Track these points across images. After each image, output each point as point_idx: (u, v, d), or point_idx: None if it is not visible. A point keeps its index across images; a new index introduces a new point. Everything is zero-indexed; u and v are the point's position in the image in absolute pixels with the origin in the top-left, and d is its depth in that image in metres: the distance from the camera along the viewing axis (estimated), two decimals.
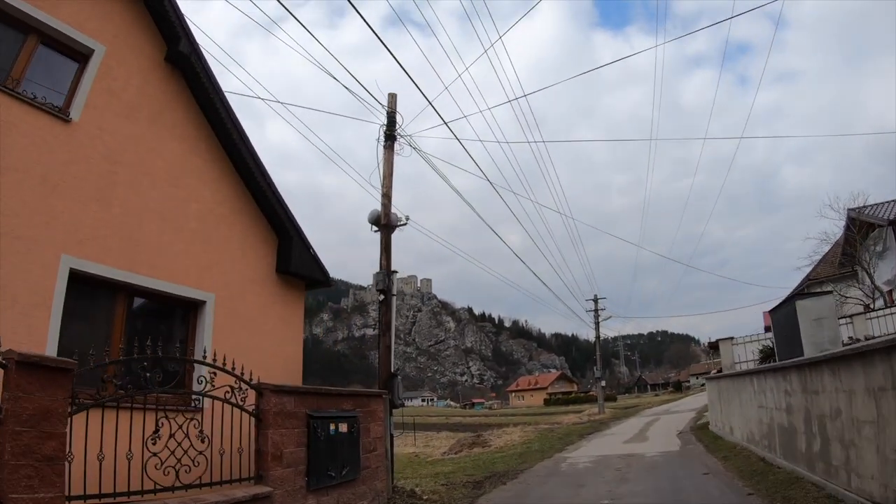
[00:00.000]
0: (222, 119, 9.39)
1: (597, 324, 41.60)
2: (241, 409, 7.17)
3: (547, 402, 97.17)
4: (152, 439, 5.90)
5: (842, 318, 20.76)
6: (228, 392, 7.02)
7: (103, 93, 7.78)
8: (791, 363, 9.23)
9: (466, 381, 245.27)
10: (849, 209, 23.13)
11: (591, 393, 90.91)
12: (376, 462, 9.82)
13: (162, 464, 5.98)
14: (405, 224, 12.39)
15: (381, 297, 11.63)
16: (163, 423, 6.10)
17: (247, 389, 7.30)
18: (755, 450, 11.89)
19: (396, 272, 12.02)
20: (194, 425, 6.46)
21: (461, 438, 25.52)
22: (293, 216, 11.40)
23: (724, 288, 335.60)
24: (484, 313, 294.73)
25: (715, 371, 22.59)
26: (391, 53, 11.07)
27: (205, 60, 9.18)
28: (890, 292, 20.52)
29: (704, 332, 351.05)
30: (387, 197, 12.36)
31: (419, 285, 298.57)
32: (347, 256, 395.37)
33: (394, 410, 11.49)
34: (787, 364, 9.54)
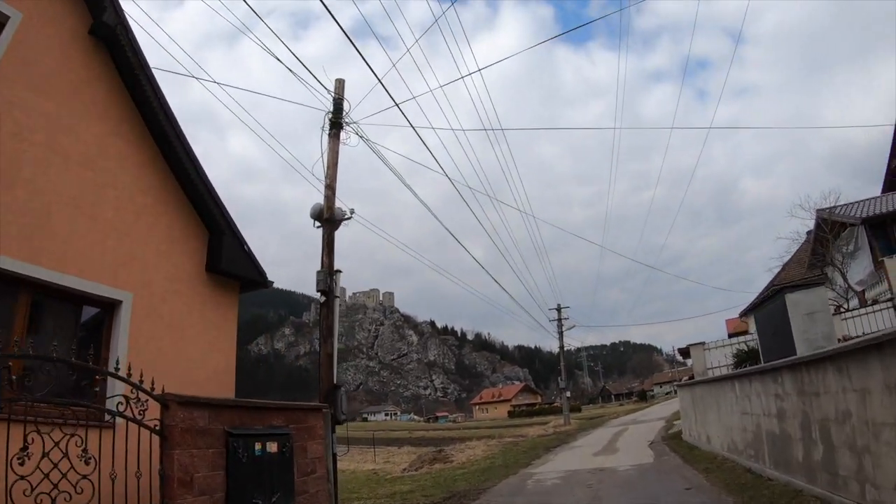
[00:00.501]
0: (148, 98, 8.47)
1: (560, 333, 40.68)
2: (139, 423, 5.83)
3: (511, 415, 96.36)
4: (19, 458, 4.62)
5: None
6: (122, 403, 5.69)
7: (16, 63, 6.93)
8: (784, 363, 8.20)
9: (430, 394, 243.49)
10: (817, 210, 22.61)
11: (555, 404, 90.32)
12: (315, 486, 8.47)
13: (33, 489, 4.70)
14: (350, 218, 11.14)
15: (323, 298, 10.31)
16: (33, 440, 4.85)
17: (147, 401, 5.99)
18: (740, 460, 10.85)
19: (340, 272, 10.74)
20: (76, 443, 5.17)
21: (422, 454, 24.16)
22: (226, 209, 10.39)
23: (684, 298, 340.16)
24: (447, 326, 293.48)
25: (686, 378, 21.69)
26: (342, 29, 9.83)
27: (132, 33, 8.24)
28: (863, 292, 19.94)
29: (667, 341, 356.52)
30: (330, 188, 11.11)
31: (381, 299, 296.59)
32: (309, 270, 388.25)
33: (340, 427, 10.19)
34: (778, 365, 8.51)
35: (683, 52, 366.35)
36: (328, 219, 10.84)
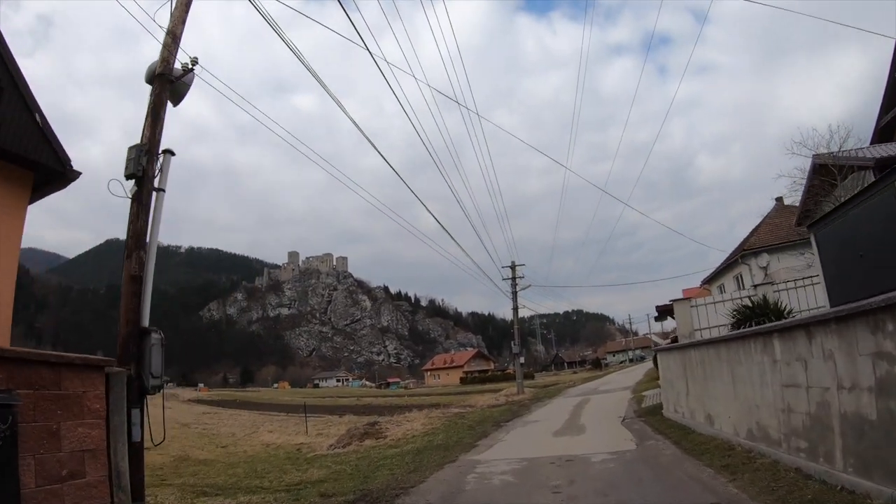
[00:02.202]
0: None
1: (514, 293, 37.22)
2: None
3: (463, 381, 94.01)
4: None
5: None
6: None
7: None
8: None
9: (383, 360, 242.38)
10: (814, 155, 19.27)
11: (508, 371, 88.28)
12: (79, 498, 4.68)
13: None
14: (191, 71, 7.10)
15: (134, 188, 6.32)
16: None
17: None
18: (776, 454, 7.36)
19: (171, 153, 6.78)
20: None
21: (352, 428, 20.53)
22: (12, 57, 6.50)
23: (636, 270, 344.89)
24: (400, 292, 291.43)
25: (668, 340, 18.33)
26: None
27: None
28: None
29: (619, 311, 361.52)
30: (172, 35, 7.08)
31: (335, 264, 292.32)
32: (263, 236, 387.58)
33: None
34: (881, 303, 4.95)
35: (645, 26, 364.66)
36: (161, 74, 6.84)
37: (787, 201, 27.13)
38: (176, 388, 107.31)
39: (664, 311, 17.25)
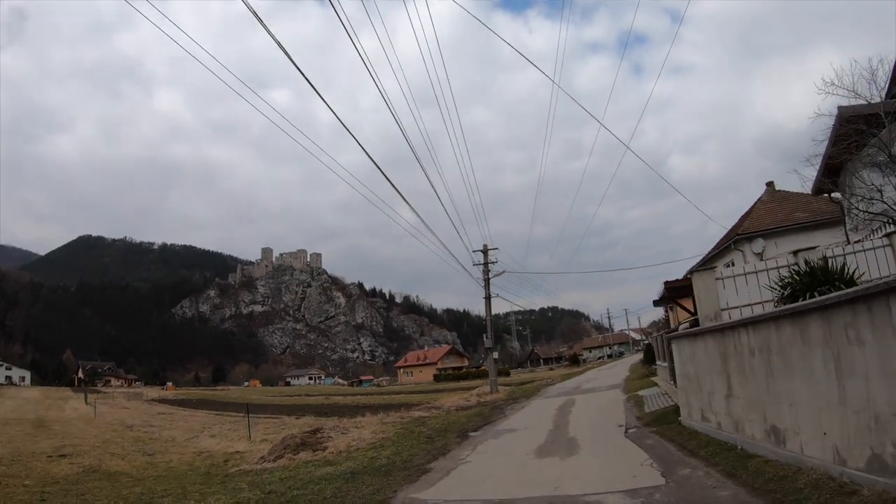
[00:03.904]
0: None
1: (486, 280, 33.59)
2: None
3: (437, 378, 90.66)
4: None
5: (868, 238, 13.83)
6: None
7: None
8: None
9: (358, 357, 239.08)
10: (840, 107, 15.89)
11: (482, 368, 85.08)
12: None
13: None
14: None
15: None
16: None
17: None
18: None
19: None
20: None
21: (287, 437, 16.81)
22: None
23: (610, 266, 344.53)
24: (374, 289, 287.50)
25: (685, 324, 14.71)
26: None
27: None
28: None
29: (594, 308, 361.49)
30: None
31: (309, 260, 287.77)
32: (236, 233, 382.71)
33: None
34: None
35: (621, 26, 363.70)
36: None
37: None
38: (143, 387, 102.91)
39: (673, 291, 13.65)
